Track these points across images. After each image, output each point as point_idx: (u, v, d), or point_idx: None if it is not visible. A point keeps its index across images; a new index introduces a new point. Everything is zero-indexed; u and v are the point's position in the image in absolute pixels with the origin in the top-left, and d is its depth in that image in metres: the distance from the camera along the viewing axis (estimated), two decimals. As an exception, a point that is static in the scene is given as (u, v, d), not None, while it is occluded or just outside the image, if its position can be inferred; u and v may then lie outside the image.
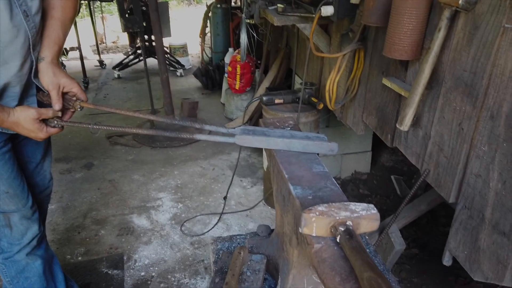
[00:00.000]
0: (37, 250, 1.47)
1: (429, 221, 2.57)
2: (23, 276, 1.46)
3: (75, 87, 1.24)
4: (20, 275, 1.46)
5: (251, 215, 2.70)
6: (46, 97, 1.25)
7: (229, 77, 4.08)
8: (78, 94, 1.26)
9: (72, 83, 1.23)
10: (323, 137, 1.10)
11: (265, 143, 1.08)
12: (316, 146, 1.07)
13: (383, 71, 1.79)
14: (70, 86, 1.23)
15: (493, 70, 1.19)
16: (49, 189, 1.66)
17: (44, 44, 1.21)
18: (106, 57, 6.56)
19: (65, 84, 1.22)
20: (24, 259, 1.44)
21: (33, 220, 1.43)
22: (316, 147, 1.07)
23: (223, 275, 1.08)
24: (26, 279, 1.47)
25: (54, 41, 1.21)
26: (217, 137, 1.12)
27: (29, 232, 1.42)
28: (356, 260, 0.70)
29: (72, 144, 3.68)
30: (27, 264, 1.46)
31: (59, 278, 1.58)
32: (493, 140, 1.20)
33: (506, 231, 1.16)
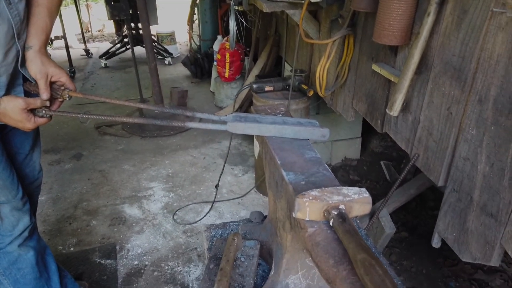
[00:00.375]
0: (29, 241, 1.46)
1: (418, 205, 2.62)
2: (16, 267, 1.46)
3: (64, 77, 1.22)
4: (13, 266, 1.45)
5: (243, 202, 2.72)
6: (33, 86, 1.22)
7: (218, 65, 4.05)
8: (66, 83, 1.24)
9: (60, 72, 1.21)
10: (314, 122, 1.10)
11: (257, 129, 1.08)
12: (308, 132, 1.08)
13: (373, 57, 1.80)
14: (58, 76, 1.21)
15: (481, 54, 1.20)
16: (39, 180, 1.64)
17: (31, 32, 1.18)
18: (92, 46, 6.44)
19: (53, 73, 1.20)
20: (16, 251, 1.44)
21: (24, 211, 1.42)
22: (308, 133, 1.08)
23: (218, 262, 1.09)
24: (19, 270, 1.46)
25: (41, 29, 1.19)
26: (209, 124, 1.12)
27: (20, 223, 1.41)
28: (349, 242, 0.72)
29: (60, 135, 3.63)
30: (19, 255, 1.45)
31: (52, 269, 1.57)
32: (481, 124, 1.22)
33: (493, 213, 1.19)
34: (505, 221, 1.15)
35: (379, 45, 1.70)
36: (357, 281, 0.68)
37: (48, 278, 1.55)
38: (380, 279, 0.63)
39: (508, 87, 1.10)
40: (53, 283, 1.56)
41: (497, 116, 1.15)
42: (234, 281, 1.02)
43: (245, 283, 1.02)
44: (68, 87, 1.25)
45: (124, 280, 2.10)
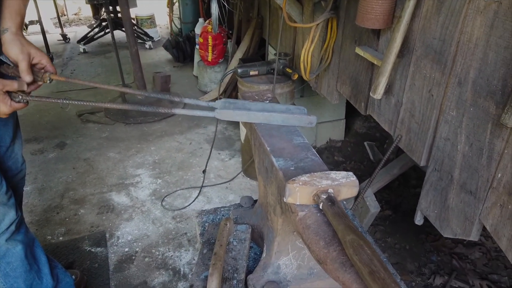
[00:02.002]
0: (16, 235, 1.45)
1: (401, 184, 2.70)
2: (5, 261, 1.45)
3: (44, 59, 1.19)
4: (2, 261, 1.44)
5: (231, 187, 2.75)
6: (11, 69, 1.17)
7: (201, 49, 4.01)
8: (47, 66, 1.20)
9: (41, 54, 1.18)
10: (303, 109, 1.12)
11: (245, 117, 1.10)
12: (295, 119, 1.10)
13: (356, 40, 1.82)
14: (39, 57, 1.18)
15: (460, 38, 1.23)
16: (22, 172, 1.63)
17: (6, 15, 1.13)
18: (69, 31, 6.27)
19: (34, 54, 1.16)
20: (4, 245, 1.42)
21: (10, 205, 1.40)
22: (296, 120, 1.10)
23: (211, 246, 1.12)
24: (8, 264, 1.46)
25: (15, 12, 1.14)
26: (196, 111, 1.12)
27: (6, 218, 1.39)
28: (338, 224, 0.75)
29: (41, 124, 3.57)
30: (8, 250, 1.44)
31: (42, 260, 1.57)
32: (460, 105, 1.26)
33: (472, 190, 1.24)
34: (483, 198, 1.20)
35: (362, 28, 1.72)
36: (346, 261, 0.72)
37: (38, 270, 1.55)
38: (368, 258, 0.67)
39: (486, 70, 1.14)
40: (43, 275, 1.56)
41: (476, 98, 1.19)
42: (228, 265, 1.06)
43: (239, 266, 1.06)
44: (48, 70, 1.20)
45: (116, 267, 2.12)
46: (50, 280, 1.57)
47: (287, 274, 1.03)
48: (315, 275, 1.04)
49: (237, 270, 1.05)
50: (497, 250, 2.16)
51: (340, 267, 0.72)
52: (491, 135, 1.14)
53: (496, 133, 1.12)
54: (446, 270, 2.08)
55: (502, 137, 1.10)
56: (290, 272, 1.03)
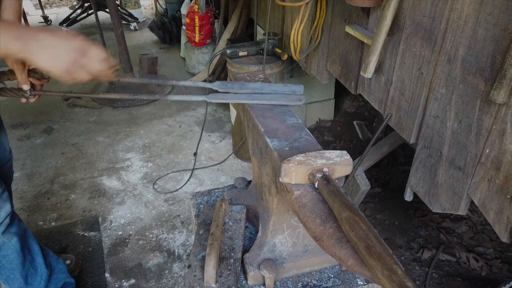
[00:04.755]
0: (11, 228, 1.45)
1: (390, 162, 2.74)
2: (1, 254, 1.44)
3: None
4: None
5: (222, 168, 2.76)
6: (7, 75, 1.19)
7: (188, 30, 3.94)
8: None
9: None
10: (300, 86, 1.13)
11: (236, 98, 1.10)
12: (284, 97, 1.10)
13: (346, 19, 1.81)
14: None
15: (450, 15, 1.24)
16: (10, 160, 1.62)
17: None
18: (50, 12, 6.09)
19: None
20: (0, 239, 1.42)
21: (4, 199, 1.40)
22: (284, 99, 1.10)
23: (207, 227, 1.14)
24: (4, 257, 1.45)
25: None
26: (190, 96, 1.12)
27: (2, 212, 1.38)
28: (334, 202, 0.77)
29: (27, 109, 3.50)
30: (4, 243, 1.43)
31: (35, 250, 1.57)
32: (450, 83, 1.28)
33: (461, 166, 1.27)
34: (471, 173, 1.24)
35: (352, 6, 1.71)
36: (343, 237, 0.74)
37: (32, 260, 1.55)
38: (364, 234, 0.68)
39: (476, 47, 1.15)
40: (38, 264, 1.57)
41: (465, 75, 1.21)
42: (224, 244, 1.07)
43: (235, 245, 1.07)
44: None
45: (110, 250, 2.14)
46: (44, 269, 1.57)
47: (282, 251, 1.05)
48: (310, 252, 1.07)
49: (234, 249, 1.07)
50: (482, 223, 2.23)
51: (336, 243, 0.74)
52: (480, 111, 1.17)
53: (485, 109, 1.15)
54: (434, 244, 2.15)
55: (491, 113, 1.13)
56: (285, 249, 1.05)
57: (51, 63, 0.85)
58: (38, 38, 0.84)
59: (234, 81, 1.12)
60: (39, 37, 0.84)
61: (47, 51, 0.84)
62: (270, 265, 1.00)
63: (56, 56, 0.85)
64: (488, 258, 2.05)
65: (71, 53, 0.86)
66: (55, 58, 0.85)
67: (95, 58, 0.89)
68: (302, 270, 1.08)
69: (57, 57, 0.85)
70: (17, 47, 0.82)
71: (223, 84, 1.10)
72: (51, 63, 0.85)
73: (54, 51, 0.85)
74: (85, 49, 0.88)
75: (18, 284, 1.51)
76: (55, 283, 1.63)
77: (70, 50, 0.86)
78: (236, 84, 1.10)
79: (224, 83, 1.10)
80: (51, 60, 0.85)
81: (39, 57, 0.84)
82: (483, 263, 1.99)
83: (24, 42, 0.82)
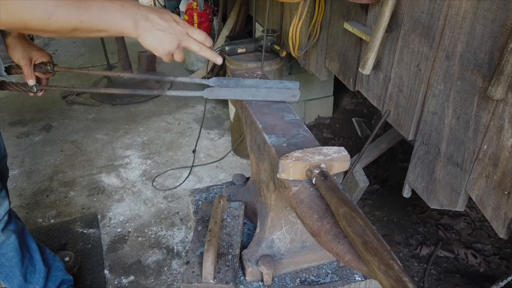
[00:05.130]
0: (9, 225, 1.45)
1: (388, 158, 2.75)
2: (0, 253, 1.45)
3: (46, 57, 1.22)
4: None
5: (221, 166, 2.76)
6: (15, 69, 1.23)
7: (186, 27, 3.93)
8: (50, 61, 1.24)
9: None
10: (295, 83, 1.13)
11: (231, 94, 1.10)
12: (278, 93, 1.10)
13: (344, 16, 1.81)
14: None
15: (448, 11, 1.24)
16: (5, 157, 1.63)
17: None
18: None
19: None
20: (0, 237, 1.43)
21: (2, 196, 1.40)
22: (279, 95, 1.10)
23: (205, 223, 1.14)
24: (3, 255, 1.45)
25: None
26: (187, 92, 1.13)
27: (1, 209, 1.39)
28: (331, 198, 0.77)
29: (25, 106, 3.49)
30: (3, 241, 1.43)
31: (33, 248, 1.57)
32: (448, 79, 1.28)
33: (459, 162, 1.28)
34: (469, 170, 1.24)
35: (350, 3, 1.71)
36: (340, 232, 0.74)
37: (31, 257, 1.55)
38: (361, 229, 0.69)
39: (473, 43, 1.15)
40: (36, 262, 1.57)
41: (463, 72, 1.21)
42: (222, 241, 1.08)
43: (233, 242, 1.08)
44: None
45: (109, 247, 2.14)
46: (42, 266, 1.58)
47: (280, 247, 1.06)
48: (308, 248, 1.07)
49: (232, 245, 1.07)
50: (481, 220, 2.24)
51: (333, 238, 0.74)
52: (478, 107, 1.17)
53: (483, 105, 1.15)
54: (432, 240, 2.15)
55: (488, 110, 1.13)
56: (283, 246, 1.06)
57: (158, 45, 0.90)
58: (149, 19, 0.87)
59: (230, 78, 1.12)
60: (149, 18, 0.87)
61: (155, 34, 0.88)
62: (268, 261, 1.00)
63: (163, 40, 0.89)
64: (486, 254, 2.05)
65: (176, 36, 0.91)
66: (162, 41, 0.89)
67: (196, 40, 0.94)
68: (300, 266, 1.08)
69: (164, 40, 0.90)
70: (130, 28, 0.85)
71: (219, 80, 1.10)
72: (158, 46, 0.90)
73: (161, 35, 0.89)
74: (188, 32, 0.93)
75: (18, 281, 1.52)
76: (53, 281, 1.63)
77: (176, 34, 0.91)
78: (232, 81, 1.11)
79: (220, 80, 1.10)
80: (158, 43, 0.89)
81: (148, 39, 0.88)
82: (481, 260, 2.00)
83: (136, 23, 0.86)
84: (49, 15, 0.76)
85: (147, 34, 0.87)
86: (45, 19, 0.77)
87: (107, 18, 0.82)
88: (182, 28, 0.92)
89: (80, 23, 0.80)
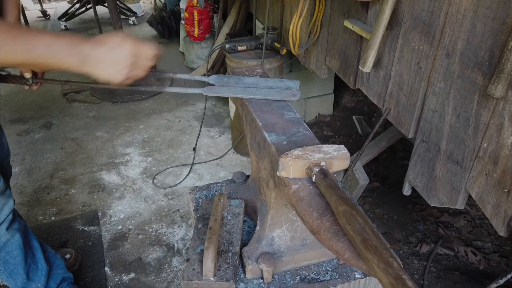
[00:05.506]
0: (14, 224, 1.46)
1: (388, 156, 2.75)
2: (4, 251, 1.45)
3: None
4: (2, 250, 1.45)
5: (221, 163, 2.76)
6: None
7: (187, 24, 3.93)
8: None
9: None
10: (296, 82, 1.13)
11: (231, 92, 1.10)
12: (278, 92, 1.10)
13: (345, 13, 1.81)
14: None
15: (449, 9, 1.24)
16: (9, 156, 1.64)
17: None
18: (48, 7, 6.06)
19: None
20: (5, 236, 1.43)
21: (8, 195, 1.41)
22: (278, 94, 1.10)
23: (205, 221, 1.14)
24: (8, 253, 1.46)
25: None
26: (186, 89, 1.12)
27: (5, 208, 1.39)
28: (331, 196, 0.77)
29: (26, 104, 3.50)
30: (8, 240, 1.44)
31: (35, 245, 1.57)
32: (448, 77, 1.28)
33: (459, 160, 1.28)
34: (469, 167, 1.24)
35: (351, 0, 1.70)
36: (339, 230, 0.74)
37: (33, 255, 1.56)
38: (360, 227, 0.69)
39: (474, 41, 1.15)
40: (38, 260, 1.57)
41: (463, 69, 1.21)
42: (222, 238, 1.08)
43: (233, 239, 1.08)
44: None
45: (110, 245, 2.14)
46: (44, 264, 1.58)
47: (280, 245, 1.06)
48: (308, 246, 1.07)
49: (232, 243, 1.07)
50: (481, 218, 2.24)
51: (333, 236, 0.74)
52: (478, 105, 1.17)
53: (483, 103, 1.15)
54: (432, 238, 2.16)
55: (489, 108, 1.13)
56: (283, 243, 1.06)
57: (110, 76, 0.88)
58: (95, 52, 0.85)
59: (230, 76, 1.12)
60: (96, 51, 0.85)
61: (105, 66, 0.87)
62: (268, 259, 1.01)
63: (114, 69, 0.88)
64: (486, 252, 2.06)
65: (126, 61, 0.88)
66: (114, 71, 0.88)
67: (148, 57, 0.92)
68: (300, 264, 1.08)
69: (115, 69, 0.88)
70: (76, 65, 0.85)
71: (219, 78, 1.10)
72: (111, 76, 0.88)
73: (111, 65, 0.87)
74: (137, 52, 0.90)
75: (21, 279, 1.52)
76: (54, 279, 1.64)
77: (126, 58, 0.88)
78: (232, 78, 1.11)
79: (220, 77, 1.10)
80: (110, 74, 0.88)
81: (98, 73, 0.87)
82: (481, 257, 2.00)
83: (82, 61, 0.84)
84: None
85: (96, 70, 0.86)
86: None
87: (53, 56, 0.82)
88: (131, 51, 0.88)
89: (27, 59, 0.82)
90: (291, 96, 1.11)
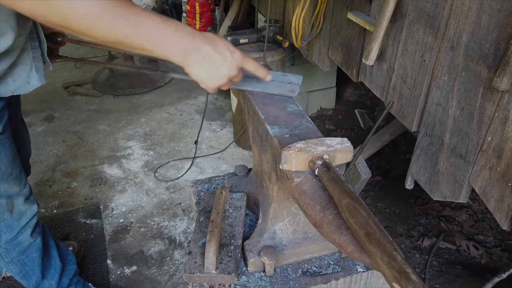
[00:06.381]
0: (37, 228, 1.46)
1: (391, 150, 2.74)
2: (25, 254, 1.45)
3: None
4: (22, 254, 1.44)
5: (223, 157, 2.76)
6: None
7: (188, 17, 3.90)
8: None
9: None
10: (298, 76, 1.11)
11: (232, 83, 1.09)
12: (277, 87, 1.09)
13: (348, 5, 1.79)
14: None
15: (454, 1, 1.22)
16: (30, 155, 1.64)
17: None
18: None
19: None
20: (28, 240, 1.43)
21: (32, 200, 1.41)
22: (277, 88, 1.09)
23: (207, 214, 1.14)
24: (27, 256, 1.46)
25: None
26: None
27: (28, 212, 1.39)
28: (334, 189, 0.76)
29: (27, 97, 3.49)
30: (30, 244, 1.44)
31: (51, 244, 1.56)
32: (452, 70, 1.26)
33: (462, 154, 1.27)
34: (473, 161, 1.23)
35: (354, -8, 1.69)
36: (342, 223, 0.74)
37: (49, 255, 1.56)
38: (364, 220, 0.68)
39: (479, 33, 1.14)
40: (52, 257, 1.58)
41: (468, 62, 1.20)
42: (224, 231, 1.08)
43: (235, 232, 1.08)
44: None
45: (112, 238, 2.15)
46: (59, 262, 1.58)
47: (283, 239, 1.05)
48: (310, 239, 1.07)
49: (234, 236, 1.07)
50: (483, 212, 2.24)
51: (336, 229, 0.74)
52: (482, 99, 1.16)
53: (487, 96, 1.13)
54: (434, 232, 2.15)
55: (493, 101, 1.12)
56: (285, 237, 1.06)
57: (205, 79, 0.84)
58: (201, 50, 0.79)
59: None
60: (201, 49, 0.79)
61: (204, 67, 0.82)
62: (270, 252, 1.00)
63: (211, 75, 0.83)
64: (488, 246, 2.05)
65: (230, 72, 0.84)
66: (211, 76, 0.83)
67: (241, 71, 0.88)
68: (302, 257, 1.08)
69: (212, 76, 0.83)
70: (177, 56, 0.79)
71: None
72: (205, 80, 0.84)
73: (211, 70, 0.82)
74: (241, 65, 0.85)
75: (36, 278, 1.53)
76: (67, 274, 1.64)
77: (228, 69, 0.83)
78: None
79: None
80: (206, 77, 0.83)
81: (195, 71, 0.82)
82: (483, 251, 2.00)
83: (185, 53, 0.79)
84: (92, 19, 0.68)
85: (195, 66, 0.80)
86: (87, 22, 0.68)
87: (155, 39, 0.74)
88: (236, 64, 0.83)
89: (124, 37, 0.72)
90: (290, 92, 1.09)
